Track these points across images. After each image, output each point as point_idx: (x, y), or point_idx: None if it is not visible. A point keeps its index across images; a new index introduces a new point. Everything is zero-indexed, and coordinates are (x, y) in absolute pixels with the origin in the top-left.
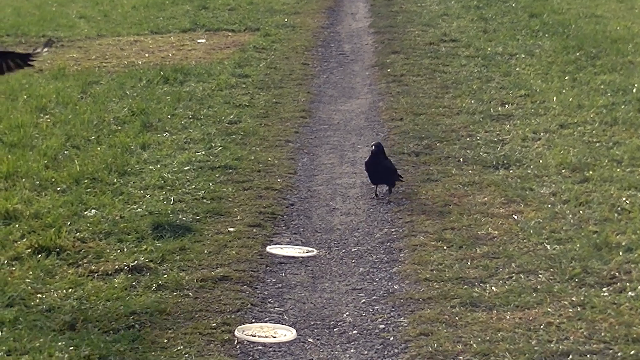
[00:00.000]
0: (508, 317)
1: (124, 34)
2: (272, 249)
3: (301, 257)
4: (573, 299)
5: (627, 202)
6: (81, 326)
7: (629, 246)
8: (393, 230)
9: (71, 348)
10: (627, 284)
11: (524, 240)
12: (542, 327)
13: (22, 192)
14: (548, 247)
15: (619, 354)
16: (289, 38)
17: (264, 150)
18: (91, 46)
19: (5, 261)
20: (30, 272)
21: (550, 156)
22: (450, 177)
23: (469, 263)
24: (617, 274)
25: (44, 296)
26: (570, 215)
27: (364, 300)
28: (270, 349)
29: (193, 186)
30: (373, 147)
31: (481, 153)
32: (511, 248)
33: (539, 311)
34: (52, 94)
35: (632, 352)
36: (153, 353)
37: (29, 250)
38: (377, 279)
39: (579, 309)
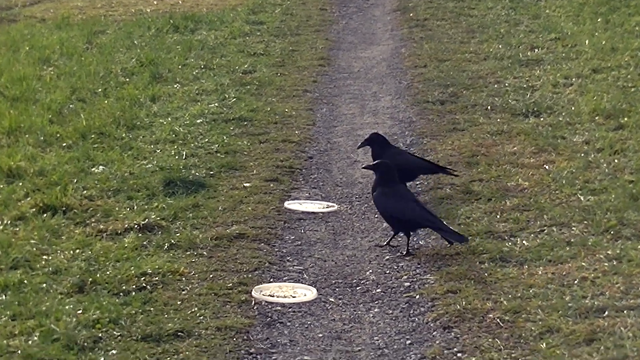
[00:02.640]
0: (540, 273)
1: None
2: (290, 204)
3: (321, 212)
4: (608, 252)
5: None
6: (90, 288)
7: None
8: (417, 182)
9: (79, 311)
10: None
11: (556, 192)
12: (576, 282)
13: (25, 149)
14: (582, 198)
15: None
16: None
17: (280, 101)
18: None
19: (9, 221)
20: (35, 233)
21: (583, 102)
22: (477, 126)
23: (498, 216)
24: None
25: (50, 258)
26: (605, 165)
27: (387, 257)
28: (290, 310)
29: (206, 140)
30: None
31: (510, 100)
32: (543, 200)
33: (572, 266)
34: (56, 45)
35: None
36: (166, 315)
37: (34, 209)
38: (401, 235)
39: (614, 263)
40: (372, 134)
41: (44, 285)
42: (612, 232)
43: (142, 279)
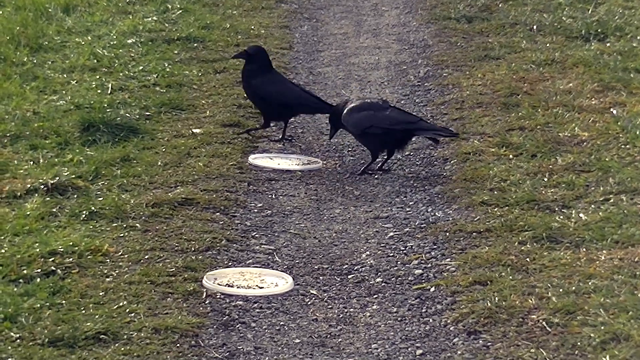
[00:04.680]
0: (603, 258)
1: None
2: (256, 159)
3: (299, 170)
4: None
5: None
6: None
7: None
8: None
9: None
10: None
11: (626, 146)
12: None
13: None
14: None
15: None
16: None
17: (244, 15)
18: None
19: None
20: None
21: None
22: (518, 53)
23: (545, 179)
24: None
25: None
26: None
27: (391, 234)
28: (255, 305)
29: (140, 68)
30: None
31: (564, 18)
32: (608, 157)
33: None
34: None
35: None
36: (83, 311)
37: None
38: (411, 203)
39: None
40: (252, 46)
41: None
42: None
43: (51, 260)
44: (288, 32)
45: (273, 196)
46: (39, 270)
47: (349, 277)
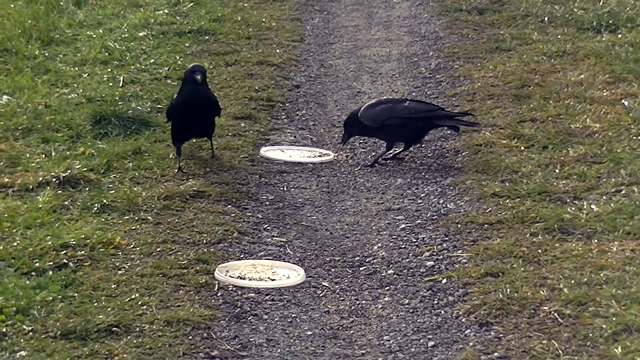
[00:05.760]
0: (615, 249)
1: None
2: (268, 151)
3: (311, 163)
4: None
5: None
6: None
7: None
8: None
9: None
10: None
11: (638, 137)
12: None
13: None
14: None
15: None
16: None
17: (255, 7)
18: None
19: None
20: None
21: None
22: (529, 44)
23: (557, 170)
24: None
25: None
26: None
27: (403, 226)
28: (267, 297)
29: (152, 60)
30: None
31: (575, 9)
32: (619, 148)
33: None
34: None
35: None
36: (95, 304)
37: None
38: (422, 195)
39: None
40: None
41: None
42: None
43: (63, 253)
44: (299, 24)
45: (285, 188)
46: (51, 263)
47: (361, 269)
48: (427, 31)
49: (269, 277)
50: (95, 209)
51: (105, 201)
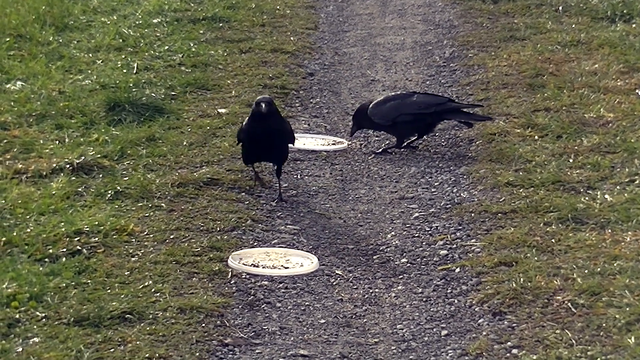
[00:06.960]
0: (629, 239)
1: None
2: None
3: (325, 151)
4: None
5: None
6: (2, 252)
7: None
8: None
9: None
10: None
11: None
12: None
13: None
14: None
15: None
16: None
17: None
18: None
19: None
20: None
21: None
22: (543, 34)
23: (571, 160)
24: None
25: None
26: None
27: (416, 215)
28: (280, 285)
29: (166, 47)
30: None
31: None
32: (633, 138)
33: None
34: None
35: None
36: (109, 291)
37: None
38: (436, 184)
39: None
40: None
41: None
42: None
43: (76, 239)
44: (313, 12)
45: (298, 176)
46: (65, 249)
47: (374, 257)
48: (442, 19)
49: (282, 265)
50: (109, 195)
51: (118, 188)
